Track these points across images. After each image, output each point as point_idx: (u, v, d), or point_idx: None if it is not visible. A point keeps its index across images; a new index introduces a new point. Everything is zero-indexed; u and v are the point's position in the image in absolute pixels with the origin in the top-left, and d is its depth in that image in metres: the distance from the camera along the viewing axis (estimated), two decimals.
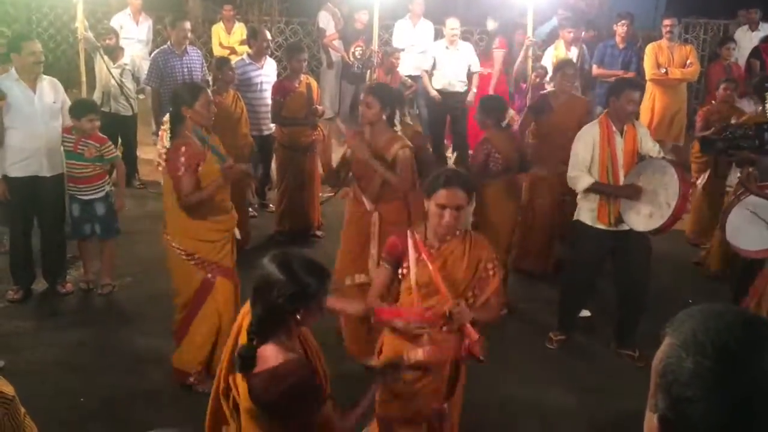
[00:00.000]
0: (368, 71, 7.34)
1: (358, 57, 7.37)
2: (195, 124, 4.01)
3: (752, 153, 4.79)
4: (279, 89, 6.31)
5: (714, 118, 6.43)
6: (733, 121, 5.95)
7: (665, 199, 4.20)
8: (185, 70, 7.20)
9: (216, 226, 4.08)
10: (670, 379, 1.00)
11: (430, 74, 8.28)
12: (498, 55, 8.51)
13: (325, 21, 9.89)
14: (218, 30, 9.49)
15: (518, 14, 8.36)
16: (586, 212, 4.61)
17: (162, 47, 7.50)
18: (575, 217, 4.74)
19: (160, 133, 6.23)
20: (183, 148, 3.92)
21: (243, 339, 2.33)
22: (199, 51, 7.71)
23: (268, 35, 7.23)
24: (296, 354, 2.30)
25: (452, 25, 8.18)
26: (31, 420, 2.09)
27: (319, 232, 6.61)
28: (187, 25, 7.43)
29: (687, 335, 1.01)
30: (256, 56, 6.79)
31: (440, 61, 8.23)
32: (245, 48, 8.90)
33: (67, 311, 5.18)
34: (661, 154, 4.60)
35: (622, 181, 4.45)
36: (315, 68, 10.35)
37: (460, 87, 8.19)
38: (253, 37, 6.94)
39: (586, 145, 4.51)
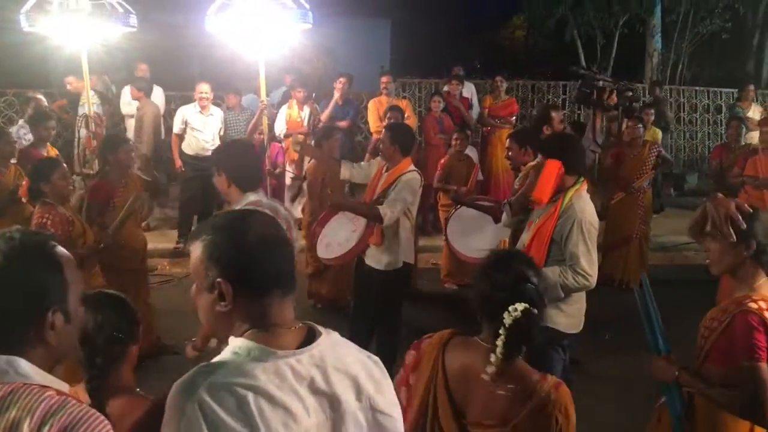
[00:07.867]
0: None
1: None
2: None
3: None
4: (26, 157, 6.02)
5: (447, 168, 7.09)
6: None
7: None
8: None
9: None
10: None
11: (182, 138, 8.09)
12: None
13: None
14: None
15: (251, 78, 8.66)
16: None
17: None
18: None
19: None
20: None
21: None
22: None
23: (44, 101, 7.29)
24: (142, 396, 2.16)
25: (203, 89, 7.96)
26: None
27: None
28: None
29: None
30: None
31: (193, 126, 8.05)
32: None
33: None
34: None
35: None
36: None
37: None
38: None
39: (370, 164, 5.03)
